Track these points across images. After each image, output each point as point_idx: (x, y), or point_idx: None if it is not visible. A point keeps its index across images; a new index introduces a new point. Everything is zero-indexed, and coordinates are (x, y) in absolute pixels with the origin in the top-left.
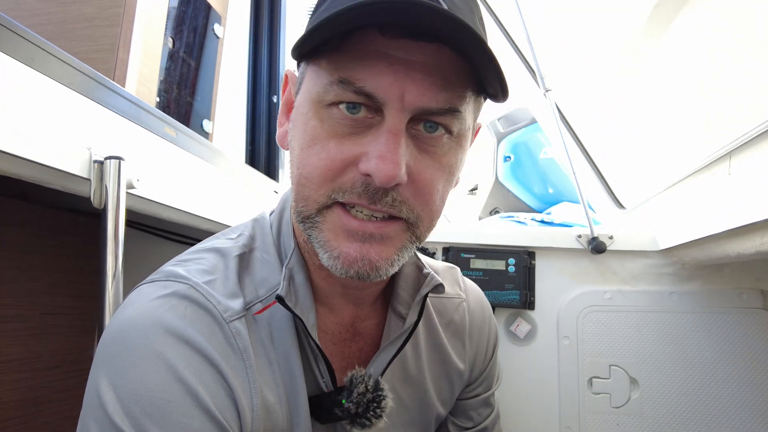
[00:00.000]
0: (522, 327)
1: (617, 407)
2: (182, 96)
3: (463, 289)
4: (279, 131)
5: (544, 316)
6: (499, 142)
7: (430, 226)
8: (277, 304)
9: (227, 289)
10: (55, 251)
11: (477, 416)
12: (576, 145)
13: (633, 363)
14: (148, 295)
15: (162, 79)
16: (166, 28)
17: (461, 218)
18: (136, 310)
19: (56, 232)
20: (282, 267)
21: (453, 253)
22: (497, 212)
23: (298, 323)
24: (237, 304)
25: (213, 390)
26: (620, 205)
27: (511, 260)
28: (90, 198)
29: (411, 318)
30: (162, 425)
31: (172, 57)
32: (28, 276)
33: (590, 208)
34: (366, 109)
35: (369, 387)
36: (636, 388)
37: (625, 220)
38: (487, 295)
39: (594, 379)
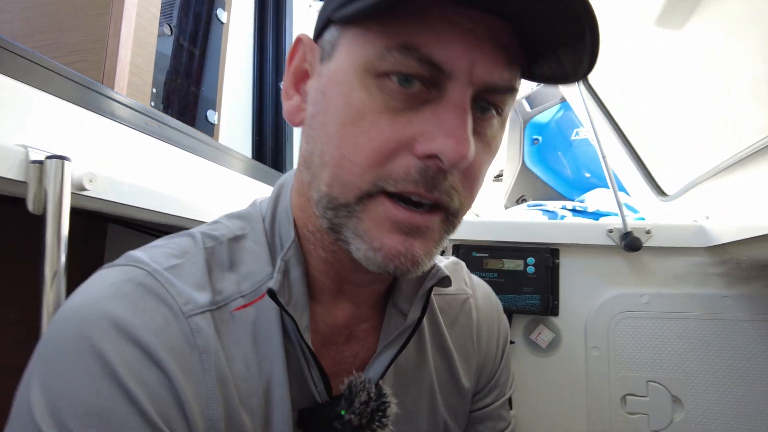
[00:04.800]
0: (544, 335)
1: (657, 431)
2: (184, 86)
3: (469, 285)
4: (288, 105)
5: (569, 323)
6: (525, 123)
7: (464, 215)
8: (262, 301)
9: (195, 279)
10: None
11: None
12: (609, 124)
13: (676, 379)
14: (103, 280)
15: (163, 69)
16: (162, 14)
17: (486, 208)
18: (86, 297)
19: None
20: (271, 260)
21: (464, 252)
22: (524, 200)
23: (288, 324)
24: (204, 297)
25: (158, 397)
26: (661, 192)
27: (530, 259)
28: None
29: (413, 314)
30: None
31: (171, 45)
32: (28, 280)
33: (626, 194)
34: (421, 82)
35: (372, 395)
36: (680, 408)
37: (667, 210)
38: (502, 300)
39: (628, 397)
